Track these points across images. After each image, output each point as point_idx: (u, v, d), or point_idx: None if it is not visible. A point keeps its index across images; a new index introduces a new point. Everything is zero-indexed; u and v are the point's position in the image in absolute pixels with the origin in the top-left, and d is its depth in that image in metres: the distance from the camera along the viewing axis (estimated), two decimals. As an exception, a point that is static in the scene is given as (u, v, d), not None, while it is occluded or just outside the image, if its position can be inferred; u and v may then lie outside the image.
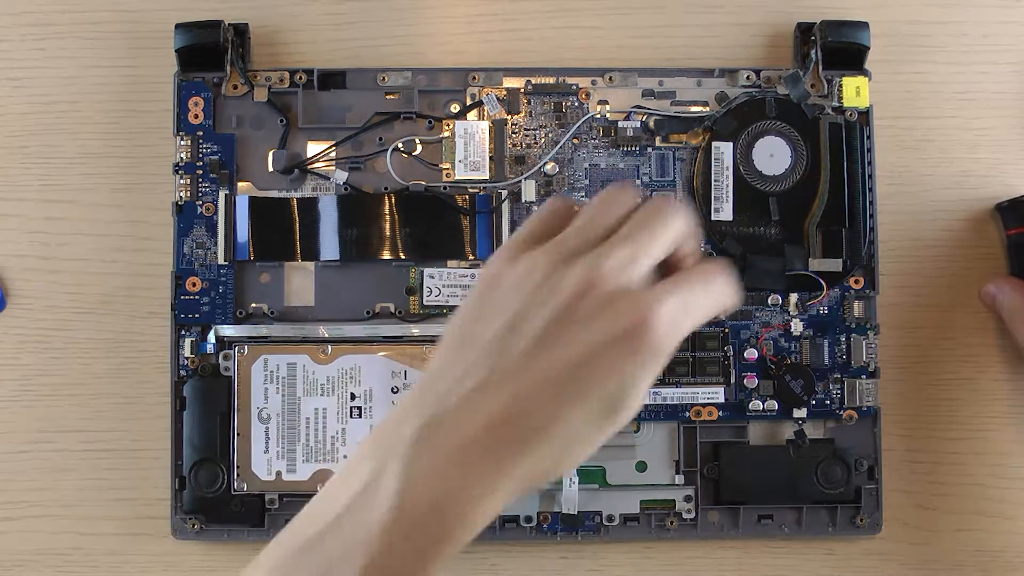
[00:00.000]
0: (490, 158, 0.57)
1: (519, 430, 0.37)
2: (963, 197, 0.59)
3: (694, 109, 0.58)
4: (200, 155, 0.57)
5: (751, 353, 0.57)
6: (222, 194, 0.56)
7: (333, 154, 0.57)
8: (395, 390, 0.55)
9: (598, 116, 0.58)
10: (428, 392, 0.38)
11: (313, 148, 0.57)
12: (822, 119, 0.57)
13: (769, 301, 0.57)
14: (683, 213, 0.40)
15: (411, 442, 0.37)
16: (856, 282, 0.57)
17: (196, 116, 0.57)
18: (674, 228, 0.40)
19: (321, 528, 0.37)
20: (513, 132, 0.58)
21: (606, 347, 0.37)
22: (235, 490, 0.55)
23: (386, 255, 0.56)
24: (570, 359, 0.37)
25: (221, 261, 0.56)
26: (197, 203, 0.57)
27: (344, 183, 0.57)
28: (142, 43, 0.59)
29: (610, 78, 0.58)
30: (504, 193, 0.57)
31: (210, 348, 0.56)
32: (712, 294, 0.40)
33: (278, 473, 0.55)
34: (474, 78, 0.58)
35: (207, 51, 0.56)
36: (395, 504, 0.36)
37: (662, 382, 0.56)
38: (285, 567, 0.37)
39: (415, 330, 0.56)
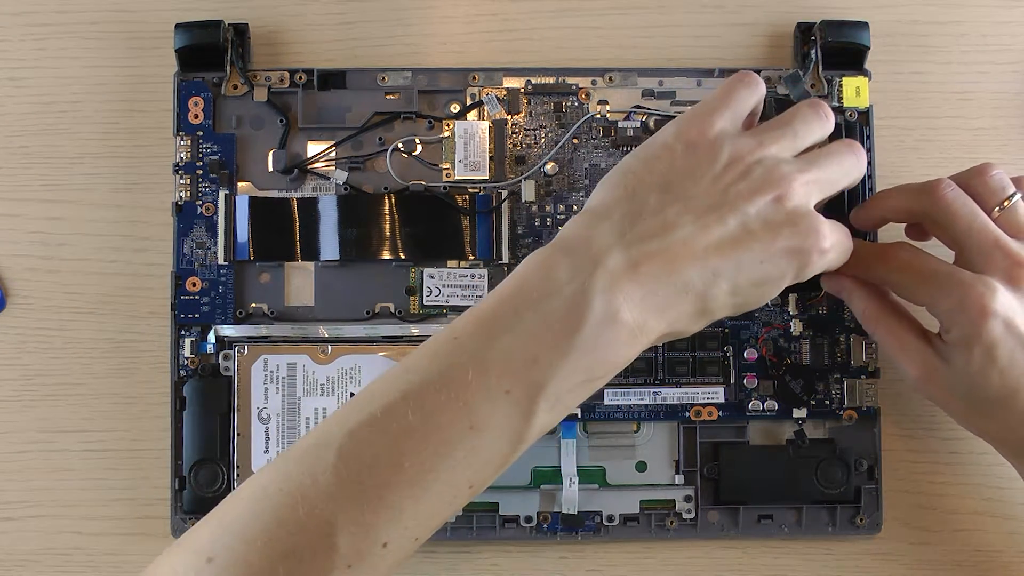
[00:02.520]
0: (490, 158, 0.57)
1: (703, 292, 0.44)
2: (963, 197, 0.59)
3: (694, 109, 0.58)
4: (200, 155, 0.57)
5: (751, 353, 0.57)
6: (222, 194, 0.56)
7: (333, 154, 0.57)
8: (395, 390, 0.55)
9: (598, 116, 0.58)
10: (624, 222, 0.44)
11: (313, 148, 0.57)
12: (822, 119, 0.57)
13: (769, 301, 0.57)
14: (863, 158, 0.48)
15: (620, 272, 0.43)
16: (856, 282, 0.57)
17: (196, 116, 0.57)
18: (855, 174, 0.48)
19: (528, 306, 0.43)
20: (513, 132, 0.58)
21: (780, 254, 0.44)
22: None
23: (386, 255, 0.56)
24: (753, 250, 0.44)
25: (221, 261, 0.56)
26: (197, 203, 0.57)
27: (344, 183, 0.57)
28: (142, 43, 0.59)
29: (610, 78, 0.58)
30: (504, 193, 0.57)
31: (210, 348, 0.56)
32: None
33: (278, 473, 0.55)
34: (474, 78, 0.58)
35: (207, 51, 0.56)
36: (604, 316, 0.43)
37: (662, 382, 0.56)
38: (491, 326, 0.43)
39: (415, 330, 0.56)
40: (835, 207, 0.56)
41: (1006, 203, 0.50)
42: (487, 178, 0.57)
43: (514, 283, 0.44)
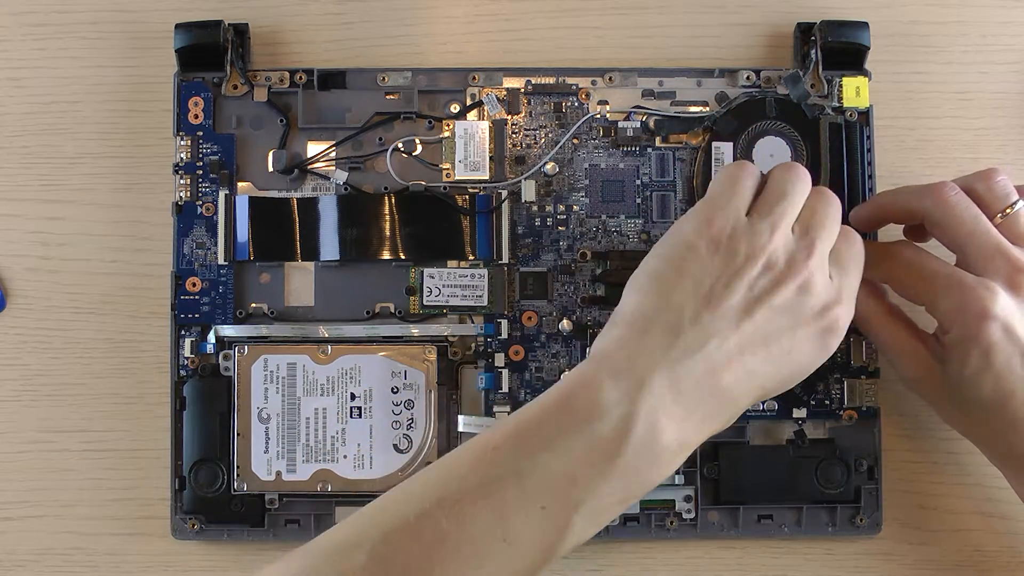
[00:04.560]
0: (490, 158, 0.57)
1: (737, 395, 0.45)
2: (963, 197, 0.59)
3: (694, 109, 0.58)
4: (200, 155, 0.57)
5: (751, 353, 0.56)
6: (222, 194, 0.56)
7: (333, 154, 0.57)
8: (395, 390, 0.55)
9: (598, 116, 0.58)
10: (665, 337, 0.44)
11: (313, 148, 0.57)
12: (822, 119, 0.57)
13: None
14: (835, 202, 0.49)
15: (664, 393, 0.43)
16: (856, 282, 0.57)
17: (196, 116, 0.57)
18: (837, 215, 0.48)
19: (561, 431, 0.43)
20: (513, 132, 0.58)
21: (808, 339, 0.46)
22: (235, 490, 0.55)
23: (386, 255, 0.56)
24: (782, 342, 0.45)
25: (221, 261, 0.56)
26: (197, 203, 0.57)
27: (344, 183, 0.57)
28: (142, 43, 0.59)
29: (610, 78, 0.58)
30: (504, 193, 0.57)
31: (210, 348, 0.56)
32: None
33: (278, 473, 0.55)
34: (474, 78, 0.58)
35: (207, 51, 0.56)
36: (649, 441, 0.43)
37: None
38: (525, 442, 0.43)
39: (415, 330, 0.56)
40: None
41: (1008, 210, 0.50)
42: (487, 178, 0.57)
43: (558, 397, 0.44)
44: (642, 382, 0.43)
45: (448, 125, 0.57)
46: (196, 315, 0.56)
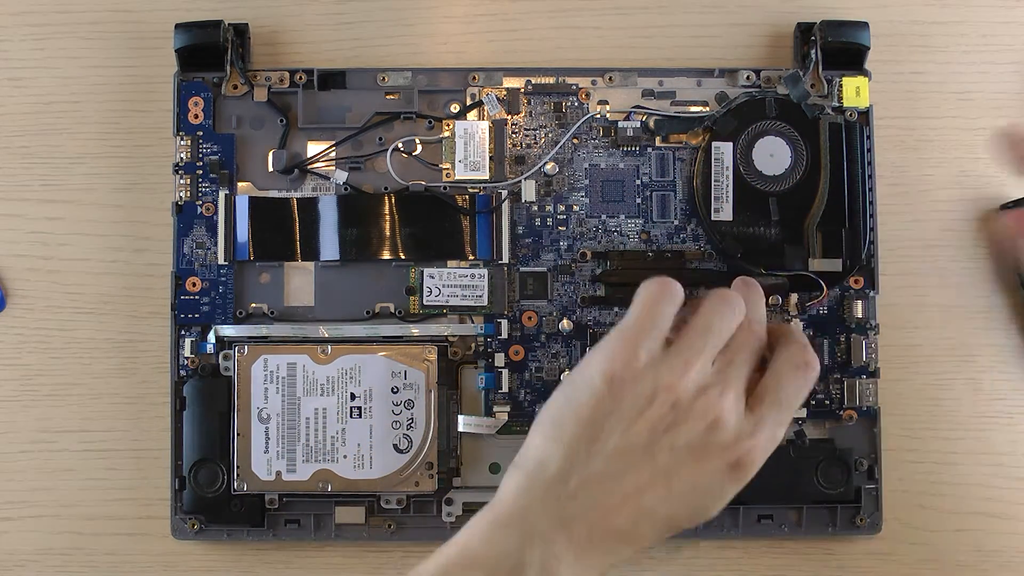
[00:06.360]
0: (490, 158, 0.57)
1: (635, 532, 0.44)
2: (963, 197, 0.59)
3: (694, 109, 0.58)
4: (200, 155, 0.57)
5: (751, 353, 0.56)
6: (222, 194, 0.56)
7: (333, 154, 0.57)
8: (395, 390, 0.55)
9: (598, 116, 0.58)
10: (557, 485, 0.44)
11: (313, 148, 0.57)
12: (822, 119, 0.57)
13: (769, 301, 0.57)
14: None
15: (554, 538, 0.43)
16: (856, 282, 0.57)
17: (196, 116, 0.57)
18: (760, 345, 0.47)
19: None
20: (513, 132, 0.58)
21: (715, 473, 0.44)
22: (235, 490, 0.55)
23: (386, 255, 0.56)
24: (684, 478, 0.44)
25: (221, 261, 0.56)
26: (197, 203, 0.57)
27: (344, 183, 0.57)
28: (142, 43, 0.59)
29: (610, 78, 0.58)
30: (504, 193, 0.57)
31: (210, 348, 0.56)
32: (802, 392, 0.46)
33: (278, 473, 0.55)
34: (474, 78, 0.58)
35: (207, 51, 0.56)
36: None
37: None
38: None
39: (415, 330, 0.56)
40: (835, 219, 0.56)
41: None
42: (487, 178, 0.57)
43: (457, 550, 0.44)
44: (532, 531, 0.43)
45: (448, 125, 0.57)
46: (196, 315, 0.56)
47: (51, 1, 0.59)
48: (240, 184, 0.57)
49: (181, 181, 0.57)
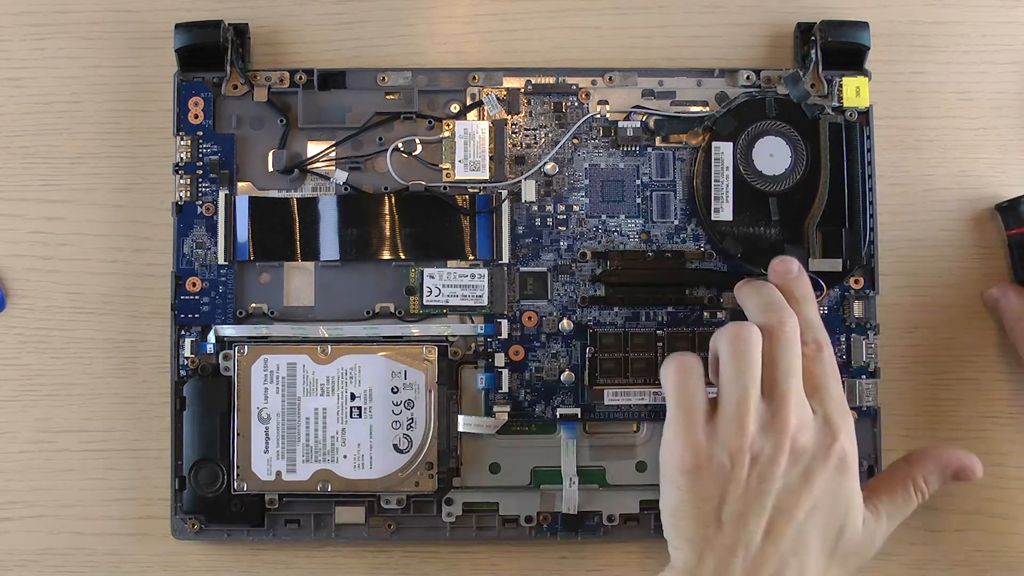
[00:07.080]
0: (490, 158, 0.57)
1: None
2: (963, 197, 0.59)
3: (694, 109, 0.58)
4: (200, 155, 0.57)
5: (751, 353, 0.56)
6: (222, 194, 0.56)
7: (333, 154, 0.57)
8: (395, 390, 0.55)
9: (598, 116, 0.58)
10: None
11: (313, 148, 0.57)
12: (822, 119, 0.57)
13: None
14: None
15: None
16: (856, 282, 0.57)
17: (196, 116, 0.57)
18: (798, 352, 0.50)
19: None
20: (513, 132, 0.58)
21: (828, 483, 0.48)
22: (235, 490, 0.55)
23: (386, 255, 0.56)
24: (804, 504, 0.48)
25: (221, 261, 0.56)
26: (197, 203, 0.57)
27: (344, 183, 0.57)
28: (142, 43, 0.59)
29: (610, 78, 0.58)
30: (504, 193, 0.57)
31: (210, 348, 0.56)
32: (828, 367, 0.51)
33: (278, 473, 0.55)
34: (474, 78, 0.58)
35: (207, 51, 0.56)
36: None
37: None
38: None
39: (415, 330, 0.56)
40: (835, 219, 0.56)
41: None
42: (487, 178, 0.57)
43: None
44: None
45: (448, 125, 0.57)
46: (196, 315, 0.56)
47: (51, 1, 0.59)
48: (240, 184, 0.57)
49: (181, 181, 0.57)
